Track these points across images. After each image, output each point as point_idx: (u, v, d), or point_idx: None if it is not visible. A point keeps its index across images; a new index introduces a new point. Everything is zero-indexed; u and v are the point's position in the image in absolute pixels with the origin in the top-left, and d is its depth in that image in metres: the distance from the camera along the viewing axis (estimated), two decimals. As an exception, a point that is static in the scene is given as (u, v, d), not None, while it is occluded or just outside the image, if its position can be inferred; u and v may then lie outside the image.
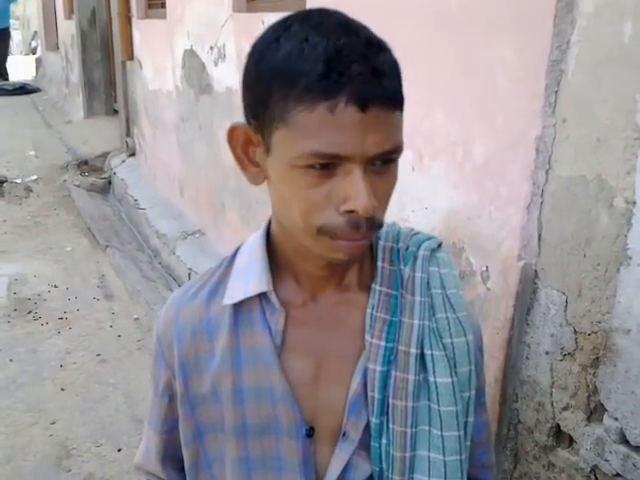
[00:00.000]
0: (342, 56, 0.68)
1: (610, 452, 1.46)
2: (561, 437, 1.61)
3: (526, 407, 1.69)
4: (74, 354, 3.39)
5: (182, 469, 0.95)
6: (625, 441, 1.43)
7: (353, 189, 0.70)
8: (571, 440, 1.58)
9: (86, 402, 2.97)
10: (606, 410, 1.47)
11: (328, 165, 0.70)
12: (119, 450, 2.64)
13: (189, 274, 3.86)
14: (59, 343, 3.50)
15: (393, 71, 0.72)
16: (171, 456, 0.98)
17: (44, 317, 3.78)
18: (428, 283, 0.85)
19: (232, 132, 0.79)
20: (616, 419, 1.44)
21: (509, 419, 1.75)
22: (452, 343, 0.84)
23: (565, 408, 1.57)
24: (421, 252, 0.86)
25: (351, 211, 0.71)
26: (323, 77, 0.67)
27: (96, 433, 2.75)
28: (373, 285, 0.85)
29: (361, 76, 0.67)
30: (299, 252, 0.82)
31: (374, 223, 0.74)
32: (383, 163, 0.72)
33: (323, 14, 0.73)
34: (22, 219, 5.55)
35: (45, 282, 4.26)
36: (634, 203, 1.33)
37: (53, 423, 2.81)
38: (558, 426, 1.60)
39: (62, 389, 3.07)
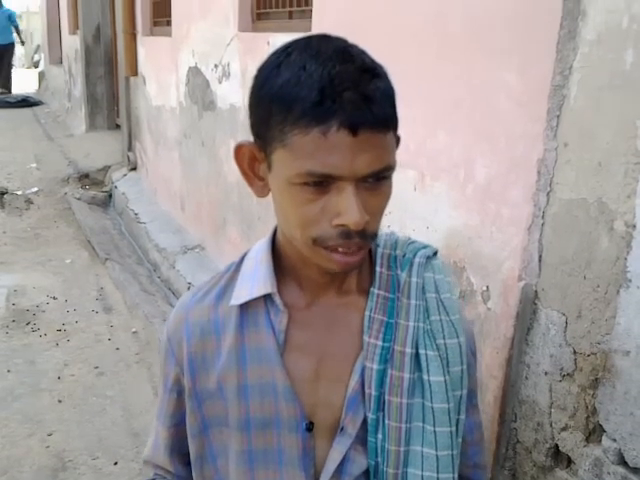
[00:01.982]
0: (335, 84, 0.72)
1: (608, 473, 1.47)
2: (559, 457, 1.62)
3: (525, 427, 1.70)
4: (72, 366, 3.39)
5: (189, 463, 0.99)
6: (623, 462, 1.44)
7: (344, 205, 0.75)
8: (569, 461, 1.59)
9: (83, 415, 2.97)
10: (605, 431, 1.48)
11: (322, 182, 0.75)
12: (115, 463, 2.63)
13: (188, 288, 3.86)
14: (57, 355, 3.50)
15: (384, 97, 0.76)
16: (179, 450, 1.02)
17: (42, 329, 3.78)
18: (423, 288, 0.90)
19: (239, 149, 0.85)
20: (615, 440, 1.45)
21: (508, 439, 1.76)
22: (445, 344, 0.89)
23: (564, 429, 1.58)
24: (417, 259, 0.91)
25: (343, 225, 0.76)
26: (317, 104, 0.72)
27: (93, 446, 2.74)
28: (371, 289, 0.91)
29: (352, 103, 0.72)
30: (301, 259, 0.87)
31: (365, 235, 0.79)
32: (376, 180, 0.77)
33: (322, 41, 0.78)
34: (22, 231, 5.56)
35: (44, 294, 4.26)
36: (634, 226, 1.36)
37: (50, 435, 2.80)
38: (557, 446, 1.61)
39: (59, 401, 3.06)
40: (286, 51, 0.78)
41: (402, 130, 0.82)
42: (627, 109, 1.36)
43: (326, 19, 2.56)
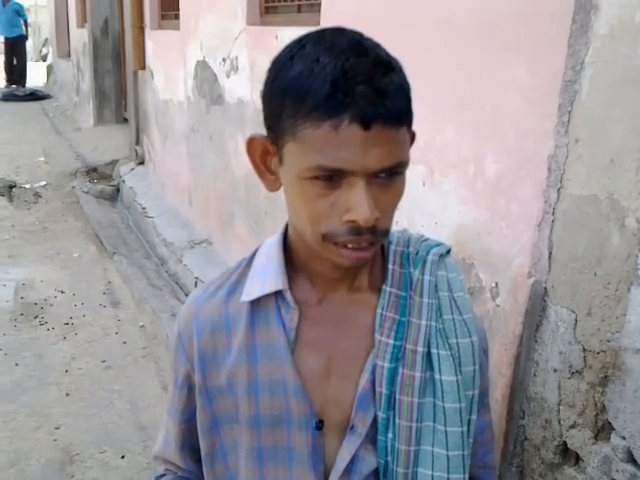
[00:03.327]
0: (348, 77, 0.71)
1: (617, 471, 1.47)
2: (568, 455, 1.62)
3: (533, 424, 1.70)
4: (79, 360, 3.40)
5: (199, 460, 0.99)
6: (632, 460, 1.44)
7: (355, 201, 0.74)
8: (578, 458, 1.58)
9: (90, 408, 2.98)
10: (614, 429, 1.47)
11: (333, 177, 0.74)
12: (123, 457, 2.64)
13: (195, 283, 3.87)
14: (65, 348, 3.52)
15: (398, 91, 0.74)
16: (189, 446, 1.01)
17: (50, 322, 3.80)
18: (436, 286, 0.89)
19: (251, 142, 0.84)
20: (624, 438, 1.44)
21: (515, 436, 1.75)
22: (457, 343, 0.88)
23: (572, 426, 1.57)
24: (430, 257, 0.90)
25: (353, 221, 0.75)
26: (329, 97, 0.71)
27: (100, 439, 2.75)
28: (383, 286, 0.90)
29: (365, 97, 0.71)
30: (312, 254, 0.86)
31: (376, 231, 0.77)
32: (388, 176, 0.76)
33: (336, 34, 0.77)
34: (30, 224, 5.58)
35: (52, 287, 4.28)
36: (646, 223, 1.35)
37: (57, 428, 2.82)
38: (565, 444, 1.61)
39: (67, 394, 3.08)
40: (300, 43, 0.77)
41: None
42: (640, 105, 1.34)
43: (335, 13, 2.55)
